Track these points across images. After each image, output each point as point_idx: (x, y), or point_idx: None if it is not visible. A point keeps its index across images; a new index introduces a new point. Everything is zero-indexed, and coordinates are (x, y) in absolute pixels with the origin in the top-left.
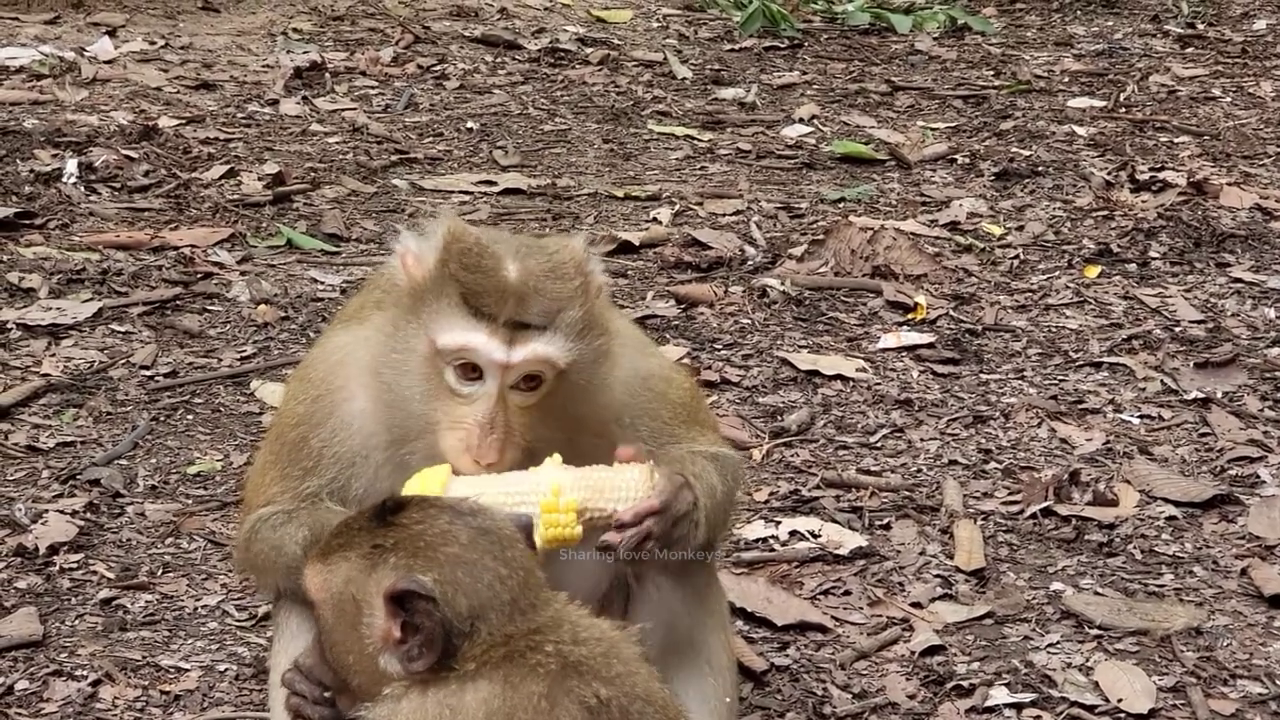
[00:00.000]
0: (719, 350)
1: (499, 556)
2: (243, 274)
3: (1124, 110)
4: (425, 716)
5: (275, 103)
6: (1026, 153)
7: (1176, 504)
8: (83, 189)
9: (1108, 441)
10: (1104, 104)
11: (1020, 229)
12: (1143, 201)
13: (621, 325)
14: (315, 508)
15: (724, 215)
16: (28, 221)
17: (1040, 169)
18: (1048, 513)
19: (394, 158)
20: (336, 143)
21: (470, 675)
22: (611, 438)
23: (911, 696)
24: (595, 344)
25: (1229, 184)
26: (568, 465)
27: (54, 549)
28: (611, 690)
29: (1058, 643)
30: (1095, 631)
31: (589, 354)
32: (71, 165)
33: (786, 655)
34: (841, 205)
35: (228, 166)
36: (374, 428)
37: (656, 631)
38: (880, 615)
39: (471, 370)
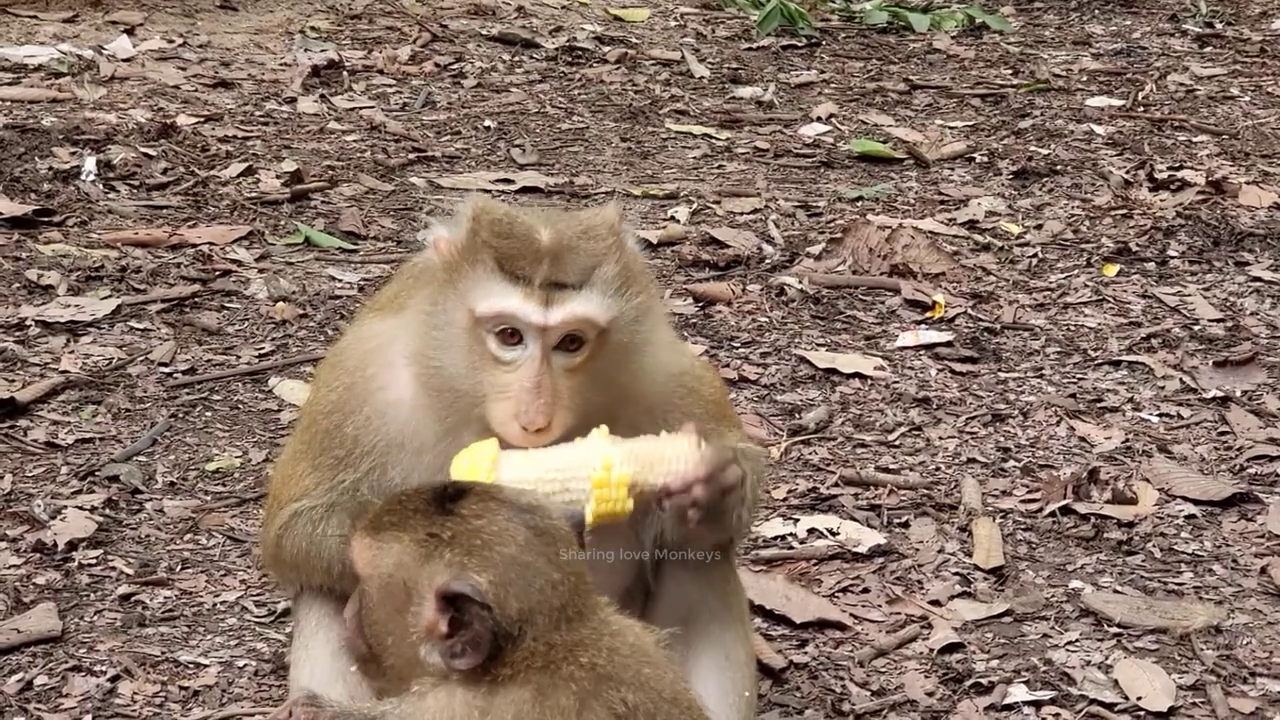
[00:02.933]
0: (737, 348)
1: (553, 560)
2: (261, 272)
3: (1142, 109)
4: (452, 717)
5: (293, 101)
6: (1045, 151)
7: (1196, 502)
8: (101, 187)
9: (1127, 440)
10: (1122, 103)
11: (1039, 228)
12: (1161, 200)
13: (661, 323)
14: (353, 499)
15: (742, 214)
16: (46, 219)
17: (1059, 168)
18: (1067, 511)
19: (412, 156)
20: (354, 141)
21: (504, 680)
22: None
23: (930, 694)
24: (635, 301)
25: (1248, 183)
26: (615, 437)
27: (73, 545)
28: (640, 696)
29: (1077, 641)
30: (1115, 629)
31: (629, 311)
32: (90, 163)
33: (805, 653)
34: (859, 204)
35: (246, 164)
36: (412, 415)
37: (676, 627)
38: (899, 613)
39: (511, 335)
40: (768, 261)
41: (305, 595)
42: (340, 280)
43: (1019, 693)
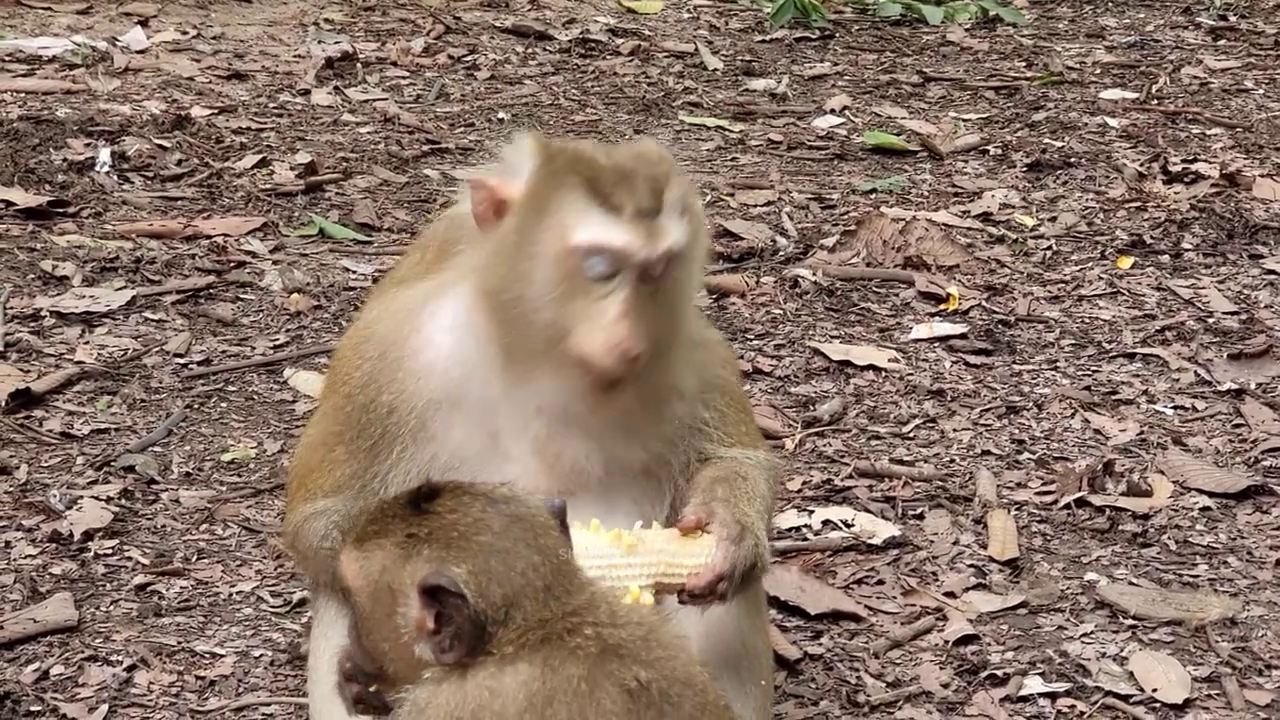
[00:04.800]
0: (751, 340)
1: (532, 544)
2: (275, 263)
3: (1156, 102)
4: (465, 699)
5: (307, 93)
6: (1059, 144)
7: (1210, 495)
8: (116, 178)
9: (1141, 432)
10: (1136, 96)
11: (1053, 220)
12: (1175, 193)
13: (693, 317)
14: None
15: (755, 206)
16: (61, 210)
17: (1072, 160)
18: (1081, 503)
19: (425, 148)
20: (368, 133)
21: (509, 658)
22: (677, 438)
23: (945, 685)
24: (694, 224)
25: (1261, 176)
26: (640, 533)
27: (89, 535)
28: (651, 673)
29: (1092, 633)
30: (1130, 622)
31: (695, 233)
32: (104, 154)
33: (820, 644)
34: (873, 196)
35: (260, 156)
36: (449, 372)
37: (690, 617)
38: (914, 605)
39: (603, 264)
40: (781, 254)
41: (324, 586)
42: (354, 272)
43: (1034, 684)
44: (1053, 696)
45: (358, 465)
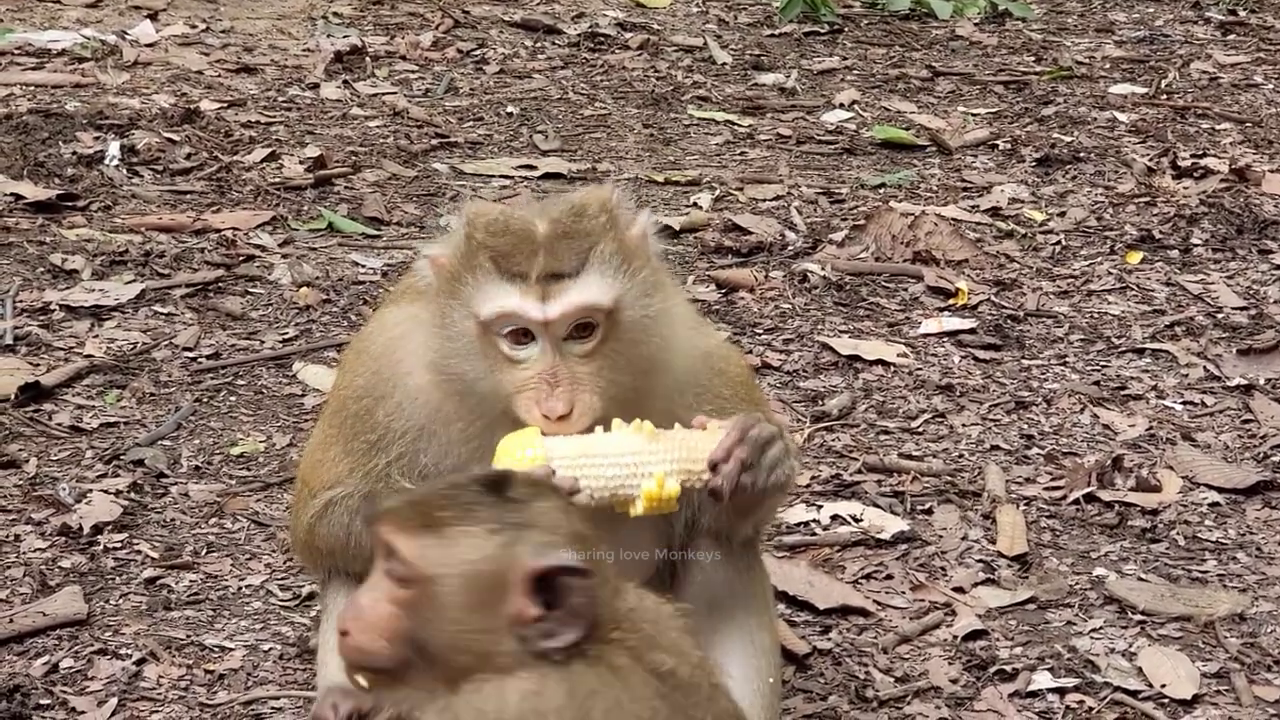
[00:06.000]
0: (760, 335)
1: (593, 532)
2: (284, 257)
3: (1165, 97)
4: (541, 692)
5: (316, 86)
6: (1068, 139)
7: (1220, 490)
8: (125, 171)
9: (1150, 427)
10: (1145, 90)
11: (1062, 215)
12: (1185, 188)
13: (677, 299)
14: (388, 487)
15: (764, 200)
16: (70, 203)
17: (1082, 155)
18: (1090, 498)
19: (434, 142)
20: (377, 127)
21: (573, 654)
22: (677, 419)
23: (954, 681)
24: (639, 277)
25: (1271, 171)
26: (658, 431)
27: (98, 528)
28: (673, 659)
29: (1101, 628)
30: (1138, 617)
31: (635, 288)
32: (114, 148)
33: (828, 639)
34: (882, 191)
35: (269, 150)
36: (439, 404)
37: (701, 612)
38: (922, 600)
39: (522, 334)
40: (790, 248)
41: (335, 580)
42: (363, 266)
43: (1043, 680)
44: (1061, 692)
45: (354, 463)
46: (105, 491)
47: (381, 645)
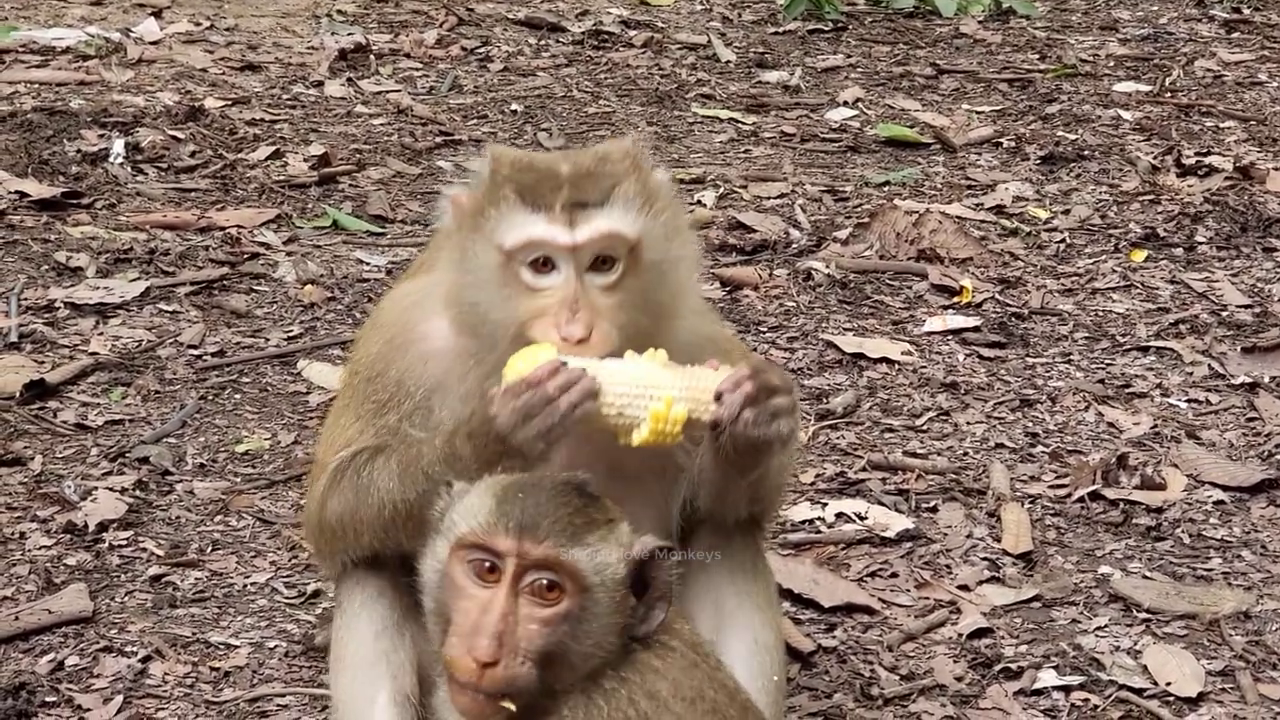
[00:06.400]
0: (764, 333)
1: None
2: (289, 255)
3: (1169, 95)
4: (672, 668)
5: (320, 84)
6: (1072, 137)
7: (1224, 488)
8: (129, 169)
9: (1155, 426)
10: (1149, 88)
11: (1066, 213)
12: (1189, 186)
13: (694, 251)
14: (399, 439)
15: (768, 198)
16: (75, 201)
17: (1086, 153)
18: (1095, 496)
19: (439, 139)
20: (381, 124)
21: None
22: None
23: (959, 678)
24: (662, 218)
25: (1275, 169)
26: (673, 364)
27: (103, 526)
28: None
29: (1106, 626)
30: (1143, 615)
31: (657, 228)
32: (118, 145)
33: (834, 636)
34: (886, 188)
35: (273, 148)
36: (454, 361)
37: (705, 610)
38: (927, 598)
39: (544, 264)
40: (794, 246)
41: (348, 577)
42: (368, 263)
43: (1048, 678)
44: (1066, 690)
45: (364, 424)
46: (110, 489)
47: (528, 667)
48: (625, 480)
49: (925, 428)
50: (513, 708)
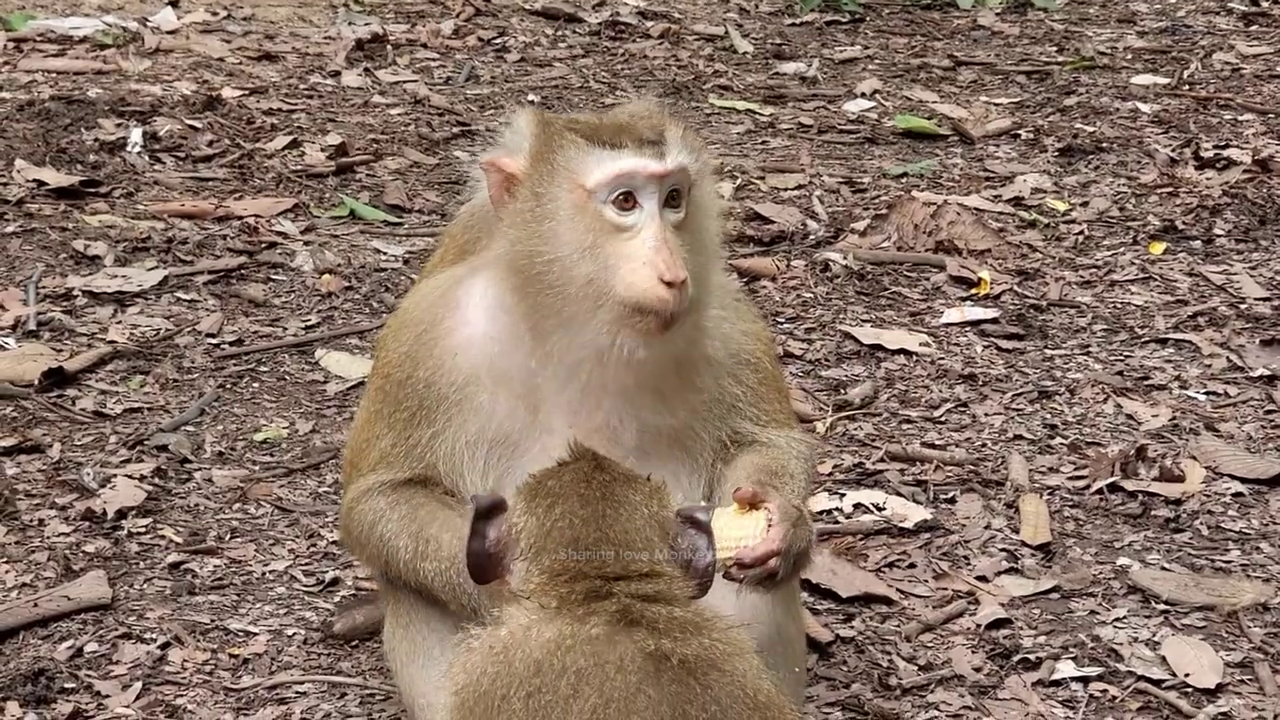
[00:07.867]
0: (782, 324)
1: None
2: (306, 244)
3: (1188, 87)
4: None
5: (337, 74)
6: (1090, 129)
7: (1243, 480)
8: (147, 158)
9: (1174, 418)
10: (1168, 81)
11: (1085, 205)
12: (1207, 179)
13: (719, 244)
14: (419, 496)
15: (786, 190)
16: (93, 190)
17: (1104, 145)
18: (1114, 488)
19: (455, 130)
20: (398, 114)
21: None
22: (706, 411)
23: (978, 669)
24: (702, 160)
25: None
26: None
27: (122, 513)
28: (680, 649)
29: (1124, 617)
30: (1162, 607)
31: (704, 170)
32: (136, 135)
33: (852, 627)
34: (904, 180)
35: (291, 137)
36: (486, 349)
37: (726, 601)
38: (945, 588)
39: (626, 200)
40: (812, 237)
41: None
42: (385, 253)
43: (1066, 669)
44: (1085, 681)
45: (396, 436)
46: (129, 477)
47: None
48: (651, 465)
49: (943, 419)
50: None
